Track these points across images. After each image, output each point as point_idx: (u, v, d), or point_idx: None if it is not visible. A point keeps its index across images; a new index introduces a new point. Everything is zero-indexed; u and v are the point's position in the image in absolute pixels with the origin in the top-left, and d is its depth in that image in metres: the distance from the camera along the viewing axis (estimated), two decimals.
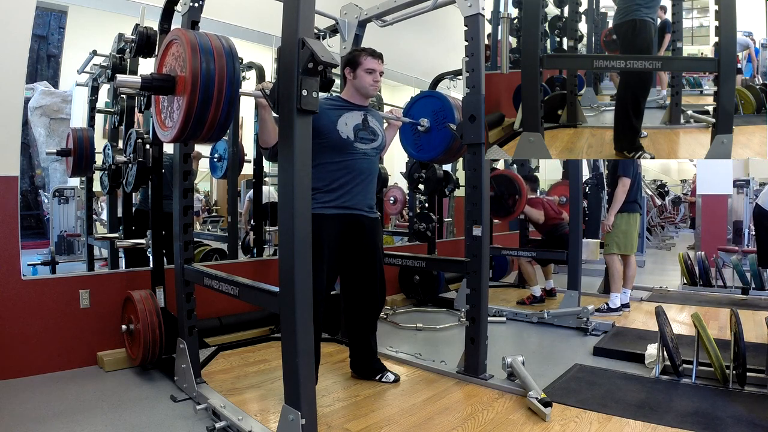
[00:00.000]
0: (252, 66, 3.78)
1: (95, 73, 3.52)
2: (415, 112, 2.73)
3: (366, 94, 2.27)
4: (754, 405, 2.11)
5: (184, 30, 1.67)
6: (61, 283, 2.70)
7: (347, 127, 2.18)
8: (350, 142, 2.18)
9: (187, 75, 1.51)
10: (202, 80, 1.51)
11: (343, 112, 2.21)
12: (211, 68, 1.53)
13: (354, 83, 2.24)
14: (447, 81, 4.98)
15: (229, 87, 1.56)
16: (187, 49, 1.53)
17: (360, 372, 2.45)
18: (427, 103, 2.70)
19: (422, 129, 2.67)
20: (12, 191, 2.57)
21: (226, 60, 1.57)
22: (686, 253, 5.13)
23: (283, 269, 1.62)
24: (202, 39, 1.57)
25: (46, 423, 2.03)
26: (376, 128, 2.31)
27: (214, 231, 4.97)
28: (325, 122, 2.12)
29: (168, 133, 1.67)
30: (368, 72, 2.21)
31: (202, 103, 1.52)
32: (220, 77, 1.54)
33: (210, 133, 1.62)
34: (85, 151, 2.93)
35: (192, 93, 1.51)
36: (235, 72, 1.59)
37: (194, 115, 1.54)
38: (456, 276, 4.67)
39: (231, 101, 1.59)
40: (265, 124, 1.94)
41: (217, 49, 1.57)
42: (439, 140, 2.66)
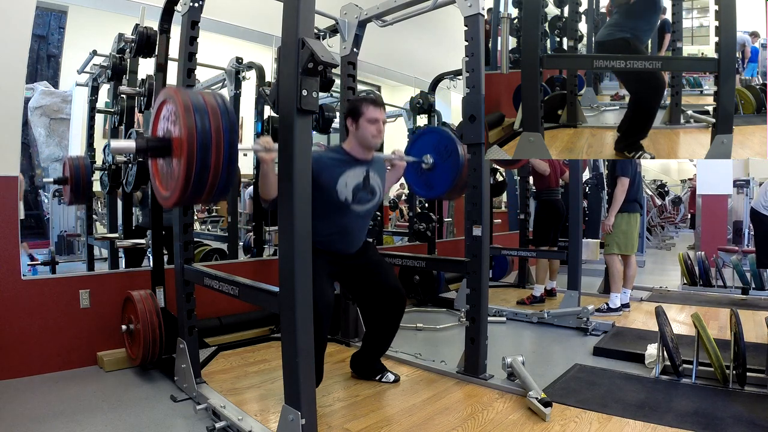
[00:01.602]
0: (252, 66, 3.78)
1: (95, 73, 3.52)
2: (416, 151, 2.68)
3: (369, 146, 2.18)
4: (754, 405, 2.11)
5: (177, 89, 1.58)
6: (61, 283, 2.70)
7: (347, 188, 2.13)
8: (347, 205, 2.15)
9: (182, 137, 1.44)
10: (198, 143, 1.43)
11: (346, 169, 2.14)
12: (207, 129, 1.44)
13: (356, 134, 2.16)
14: (447, 81, 4.98)
15: (228, 148, 1.48)
16: (181, 109, 1.45)
17: (360, 372, 2.45)
18: (427, 139, 2.65)
19: (426, 166, 2.62)
20: (12, 191, 2.57)
21: (222, 119, 1.48)
22: (686, 253, 5.13)
23: (283, 269, 1.62)
24: (195, 98, 1.49)
25: (46, 423, 2.03)
26: (376, 186, 2.26)
27: (214, 231, 4.98)
28: (326, 179, 2.07)
29: (167, 197, 1.59)
30: (371, 122, 2.13)
31: (201, 167, 1.45)
32: (217, 139, 1.46)
33: (211, 196, 1.54)
34: (82, 180, 2.90)
35: (189, 157, 1.43)
36: (233, 132, 1.51)
37: (193, 180, 1.46)
38: (456, 276, 4.67)
39: (230, 163, 1.51)
40: (266, 179, 1.88)
41: (212, 108, 1.48)
42: (445, 176, 2.57)
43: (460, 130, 2.45)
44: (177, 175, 1.49)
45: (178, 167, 1.48)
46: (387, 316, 2.35)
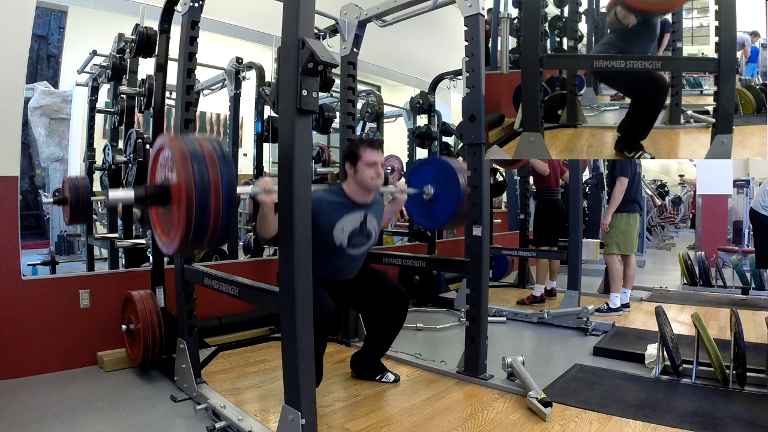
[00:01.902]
0: (252, 66, 3.78)
1: (95, 73, 3.52)
2: (416, 182, 2.65)
3: (369, 189, 2.19)
4: (754, 405, 2.11)
5: (173, 137, 1.56)
6: (61, 283, 2.70)
7: (343, 233, 2.15)
8: (342, 249, 2.17)
9: (180, 185, 1.42)
10: (197, 192, 1.41)
11: (344, 214, 2.16)
12: (205, 178, 1.42)
13: (355, 178, 2.17)
14: (447, 81, 4.98)
15: (227, 195, 1.46)
16: (178, 157, 1.43)
17: (360, 372, 2.45)
18: (427, 170, 2.63)
19: (428, 197, 2.61)
20: (12, 191, 2.57)
21: (221, 166, 1.46)
22: (686, 253, 5.13)
23: (283, 269, 1.62)
24: (192, 145, 1.47)
25: (46, 423, 2.03)
26: (372, 229, 2.27)
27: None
28: (323, 223, 2.09)
29: (169, 246, 1.58)
30: (369, 165, 2.14)
31: (200, 217, 1.43)
32: (216, 186, 1.44)
33: (212, 243, 1.54)
34: (81, 200, 2.91)
35: (188, 206, 1.41)
36: (231, 179, 1.49)
37: (193, 230, 1.44)
38: (456, 276, 4.67)
39: (230, 210, 1.49)
40: (266, 220, 1.87)
41: (209, 155, 1.46)
42: (447, 205, 2.54)
43: (460, 130, 2.45)
44: (177, 223, 1.47)
45: (178, 215, 1.47)
46: (390, 318, 2.36)
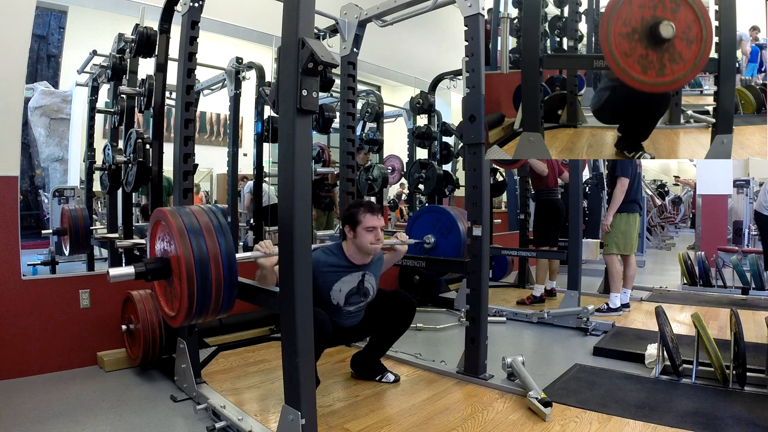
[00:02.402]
0: (252, 66, 3.78)
1: (95, 73, 3.52)
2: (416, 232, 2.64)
3: (368, 253, 2.19)
4: (754, 405, 2.11)
5: (168, 211, 1.56)
6: (61, 283, 2.70)
7: (340, 294, 2.16)
8: (339, 308, 2.19)
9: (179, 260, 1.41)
10: (196, 266, 1.42)
11: (342, 276, 2.17)
12: (204, 253, 1.42)
13: (355, 242, 2.17)
14: (447, 81, 4.99)
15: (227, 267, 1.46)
16: (174, 233, 1.42)
17: (360, 372, 2.45)
18: (426, 219, 2.64)
19: (429, 246, 2.59)
20: (12, 191, 2.57)
21: (218, 238, 1.46)
22: (686, 253, 5.13)
23: (283, 269, 1.62)
24: (188, 219, 1.46)
25: (46, 423, 2.03)
26: (370, 287, 2.27)
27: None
28: (321, 284, 2.09)
29: (175, 318, 1.59)
30: (368, 230, 2.14)
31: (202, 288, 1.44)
32: (215, 258, 1.43)
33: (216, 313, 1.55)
34: (80, 231, 2.93)
35: (189, 280, 1.42)
36: (230, 250, 1.48)
37: (196, 301, 1.45)
38: (456, 276, 4.67)
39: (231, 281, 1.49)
40: (265, 280, 1.90)
41: (205, 228, 1.45)
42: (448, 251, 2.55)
43: (460, 130, 2.45)
44: (180, 296, 1.47)
45: (180, 288, 1.46)
46: (397, 322, 2.37)
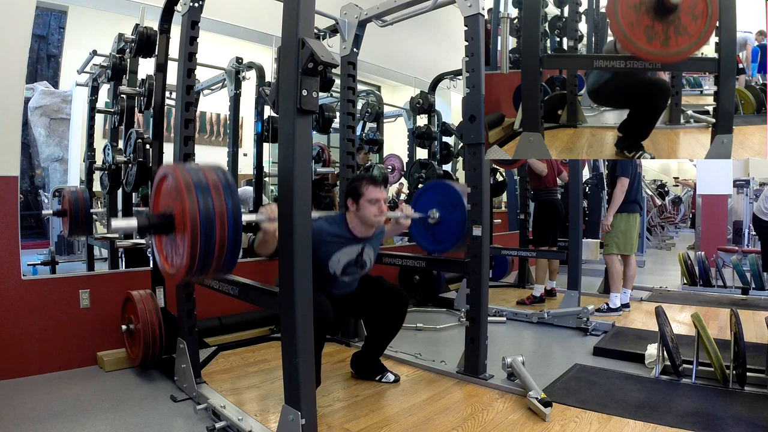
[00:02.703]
0: (252, 66, 3.78)
1: (95, 73, 3.52)
2: (421, 206, 2.64)
3: (371, 225, 2.19)
4: (754, 405, 2.11)
5: (176, 165, 1.54)
6: (61, 283, 2.70)
7: (338, 264, 2.17)
8: (335, 277, 2.20)
9: (185, 216, 1.40)
10: (201, 222, 1.39)
11: (342, 247, 2.17)
12: (210, 209, 1.40)
13: (358, 214, 2.16)
14: (447, 81, 4.99)
15: (232, 225, 1.44)
16: (182, 188, 1.41)
17: (360, 372, 2.45)
18: (431, 194, 2.62)
19: (433, 221, 2.60)
20: (12, 191, 2.57)
21: (225, 196, 1.44)
22: (686, 253, 5.13)
23: (283, 269, 1.62)
24: (195, 175, 1.44)
25: (46, 423, 2.03)
26: (368, 259, 2.28)
27: None
28: (321, 253, 2.10)
29: (174, 274, 1.56)
30: (371, 203, 2.14)
31: (205, 245, 1.41)
32: (221, 216, 1.42)
33: (218, 272, 1.52)
34: (80, 213, 2.90)
35: (193, 236, 1.39)
36: (236, 208, 1.46)
37: (198, 258, 1.42)
38: (456, 276, 4.67)
39: (236, 238, 1.47)
40: (266, 244, 1.90)
41: (213, 184, 1.43)
42: (453, 229, 2.53)
43: (460, 130, 2.45)
44: (182, 254, 1.45)
45: (182, 246, 1.44)
46: (390, 318, 2.36)
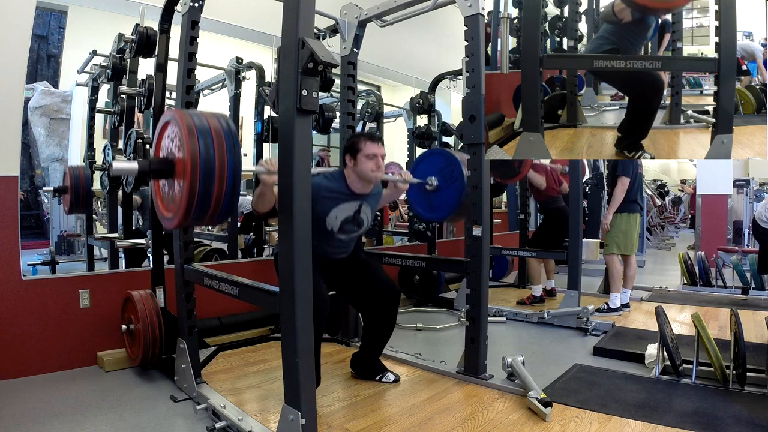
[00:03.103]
0: (252, 66, 3.78)
1: (95, 73, 3.52)
2: (421, 172, 2.65)
3: (369, 180, 2.19)
4: (754, 405, 2.11)
5: (180, 111, 1.56)
6: (61, 283, 2.70)
7: (336, 220, 2.17)
8: (333, 233, 2.20)
9: (185, 160, 1.41)
10: (202, 166, 1.41)
11: (340, 203, 2.18)
12: (211, 153, 1.42)
13: (355, 170, 2.17)
14: (447, 81, 4.98)
15: (232, 171, 1.46)
16: (184, 132, 1.43)
17: (360, 372, 2.45)
18: (433, 161, 2.63)
19: (431, 188, 2.61)
20: (12, 191, 2.57)
21: (227, 141, 1.46)
22: (686, 253, 5.13)
23: (283, 269, 1.62)
24: (199, 120, 1.46)
25: (46, 423, 2.03)
26: (365, 218, 2.28)
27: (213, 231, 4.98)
28: (318, 209, 2.10)
29: (170, 220, 1.58)
30: (369, 158, 2.14)
31: (204, 190, 1.43)
32: (221, 161, 1.44)
33: (214, 219, 1.54)
34: (81, 190, 2.91)
35: (192, 181, 1.41)
36: (237, 154, 1.48)
37: (196, 204, 1.45)
38: (456, 276, 4.67)
39: (234, 185, 1.49)
40: (264, 198, 1.92)
41: (215, 130, 1.46)
42: (449, 198, 2.56)
43: (460, 130, 2.45)
44: (180, 198, 1.47)
45: (180, 190, 1.46)
46: (382, 313, 2.36)
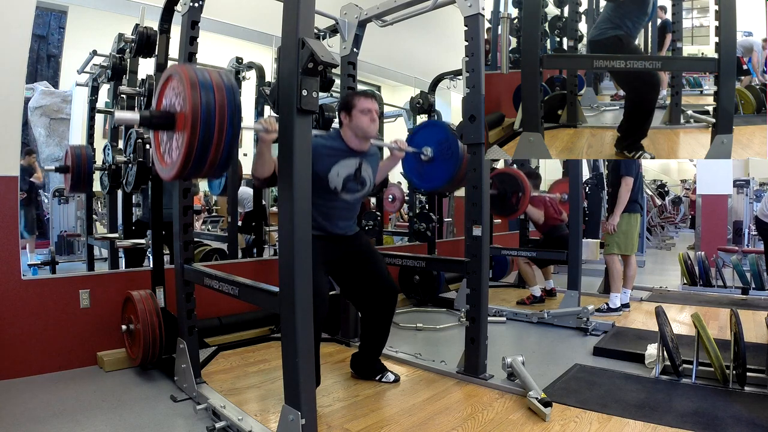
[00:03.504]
0: (252, 66, 3.78)
1: (95, 73, 3.52)
2: (418, 141, 2.66)
3: (364, 135, 2.21)
4: (754, 405, 2.11)
5: (183, 65, 1.59)
6: (61, 283, 2.70)
7: (338, 177, 2.18)
8: (336, 192, 2.20)
9: (186, 112, 1.45)
10: (202, 117, 1.44)
11: (340, 159, 2.19)
12: (211, 104, 1.45)
13: (351, 126, 2.20)
14: (447, 81, 4.98)
15: (231, 125, 1.49)
16: (187, 84, 1.46)
17: (360, 372, 2.45)
18: (430, 132, 2.65)
19: (425, 158, 2.62)
20: (12, 191, 2.57)
21: (227, 95, 1.49)
22: (686, 253, 5.13)
23: (283, 269, 1.62)
24: (201, 74, 1.50)
25: (46, 423, 2.03)
26: (367, 177, 2.29)
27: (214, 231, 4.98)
28: (319, 168, 2.10)
29: (168, 171, 1.61)
30: (364, 113, 2.17)
31: (203, 142, 1.46)
32: (221, 113, 1.47)
33: (212, 170, 1.56)
34: (83, 169, 2.91)
35: (192, 132, 1.44)
36: (237, 108, 1.52)
37: (195, 154, 1.47)
38: (456, 276, 4.67)
39: (233, 138, 1.52)
40: (262, 158, 1.93)
41: (216, 84, 1.50)
42: (443, 170, 2.59)
43: (460, 130, 2.46)
44: (179, 150, 1.51)
45: (180, 142, 1.50)
46: (379, 311, 2.35)
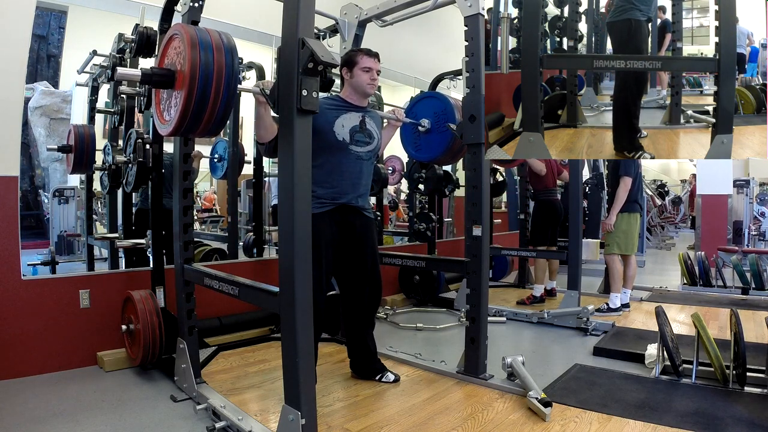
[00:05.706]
0: (252, 66, 3.78)
1: (95, 73, 3.52)
2: (416, 112, 2.72)
3: (364, 93, 2.26)
4: (754, 405, 2.11)
5: (185, 25, 1.67)
6: (61, 283, 2.70)
7: (344, 129, 2.19)
8: (345, 144, 2.20)
9: (185, 69, 1.52)
10: (200, 75, 1.51)
11: (342, 113, 2.22)
12: (209, 63, 1.53)
13: (351, 83, 2.24)
14: (447, 81, 4.98)
15: (228, 83, 1.57)
16: (187, 43, 1.53)
17: (360, 372, 2.45)
18: (429, 103, 2.70)
19: (423, 129, 2.67)
20: (12, 191, 2.57)
21: (226, 56, 1.57)
22: (686, 253, 5.13)
23: (283, 269, 1.62)
24: (202, 34, 1.58)
25: (46, 423, 2.03)
26: (373, 131, 2.31)
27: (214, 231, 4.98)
28: (322, 122, 2.12)
29: (166, 127, 1.68)
30: (365, 70, 2.21)
31: (200, 98, 1.53)
32: (219, 72, 1.54)
33: (208, 128, 1.63)
34: (85, 148, 2.92)
35: (190, 87, 1.51)
36: (234, 68, 1.59)
37: (192, 109, 1.54)
38: (456, 276, 4.67)
39: (229, 97, 1.59)
40: (262, 121, 1.95)
41: (216, 45, 1.58)
42: (439, 141, 2.66)
43: (460, 130, 2.46)
44: (177, 107, 1.58)
45: (179, 98, 1.57)
46: (363, 304, 2.36)
